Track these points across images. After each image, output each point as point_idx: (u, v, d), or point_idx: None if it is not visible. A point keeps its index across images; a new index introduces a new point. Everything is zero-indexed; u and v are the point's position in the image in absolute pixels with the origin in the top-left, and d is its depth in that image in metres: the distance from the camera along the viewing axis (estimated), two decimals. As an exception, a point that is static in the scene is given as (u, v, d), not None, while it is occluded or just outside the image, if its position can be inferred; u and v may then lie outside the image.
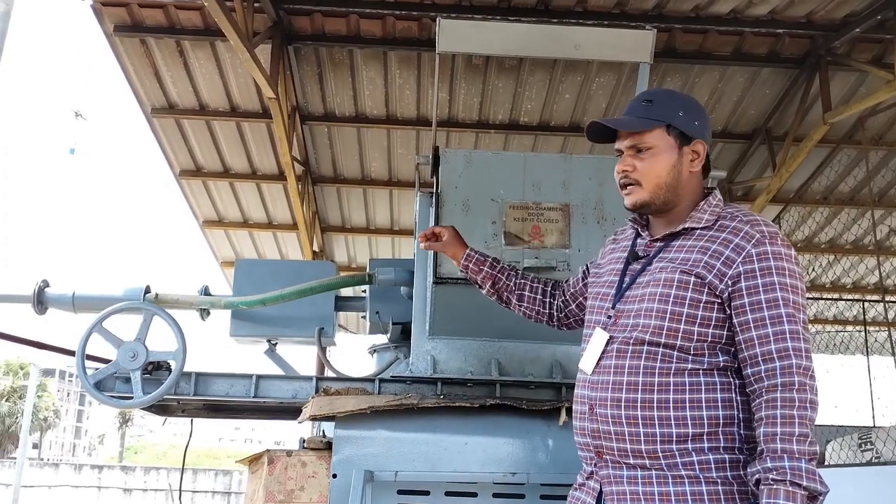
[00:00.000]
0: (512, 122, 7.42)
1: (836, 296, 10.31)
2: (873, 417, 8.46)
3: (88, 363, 3.16)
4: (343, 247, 10.08)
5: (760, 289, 1.76)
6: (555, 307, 2.36)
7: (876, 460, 5.80)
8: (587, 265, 2.29)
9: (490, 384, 3.11)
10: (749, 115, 7.34)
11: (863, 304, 9.81)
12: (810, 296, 10.12)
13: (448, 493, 2.90)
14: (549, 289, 2.38)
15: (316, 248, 9.36)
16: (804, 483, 1.62)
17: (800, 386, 1.69)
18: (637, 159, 1.93)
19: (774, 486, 1.63)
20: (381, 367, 3.77)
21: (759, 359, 1.74)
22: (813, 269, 9.57)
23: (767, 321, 1.74)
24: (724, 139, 7.54)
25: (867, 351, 9.10)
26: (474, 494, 2.90)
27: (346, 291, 4.02)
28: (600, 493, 1.87)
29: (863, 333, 9.47)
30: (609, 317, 1.94)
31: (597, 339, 1.94)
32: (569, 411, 2.93)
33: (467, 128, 7.45)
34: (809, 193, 8.43)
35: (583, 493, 1.93)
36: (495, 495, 2.90)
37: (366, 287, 3.88)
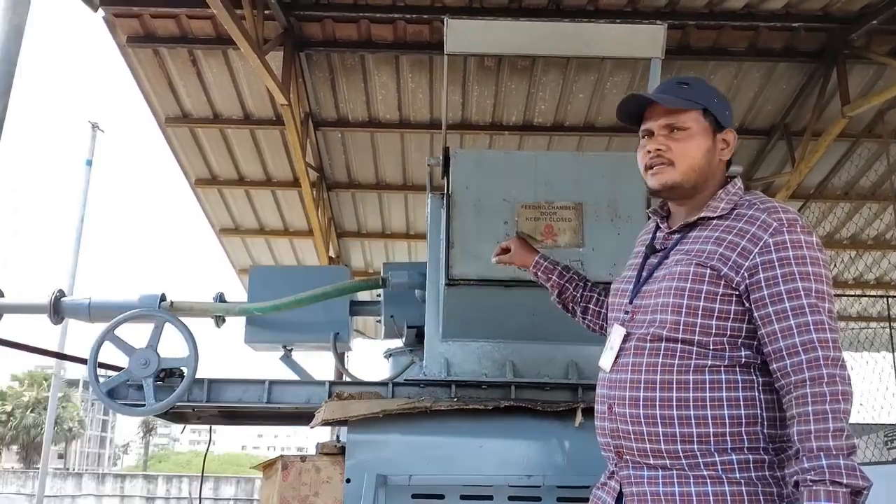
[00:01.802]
0: (526, 123, 7.39)
1: (859, 292, 10.15)
2: (900, 415, 8.33)
3: (102, 371, 3.16)
4: (359, 252, 10.08)
5: (780, 280, 1.69)
6: None
7: (903, 458, 5.71)
8: None
9: (505, 386, 3.08)
10: (766, 111, 7.25)
11: (887, 300, 9.65)
12: (833, 292, 9.96)
13: (463, 497, 2.86)
14: None
15: (332, 253, 9.36)
16: (844, 480, 1.55)
17: (829, 378, 1.62)
18: (671, 139, 1.86)
19: (814, 487, 1.56)
20: (397, 371, 3.75)
21: (784, 353, 1.67)
22: (835, 266, 9.45)
23: (790, 313, 1.67)
24: (742, 135, 7.38)
25: (892, 347, 8.95)
26: (490, 498, 2.86)
27: (362, 296, 4.00)
28: (620, 493, 1.83)
29: (887, 329, 9.32)
30: (626, 312, 1.89)
31: (615, 336, 1.89)
32: (584, 412, 2.89)
33: (481, 130, 7.43)
34: (830, 189, 8.32)
35: (603, 493, 1.89)
36: (511, 498, 2.87)
37: (381, 291, 3.86)
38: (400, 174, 8.34)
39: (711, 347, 1.75)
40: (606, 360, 1.89)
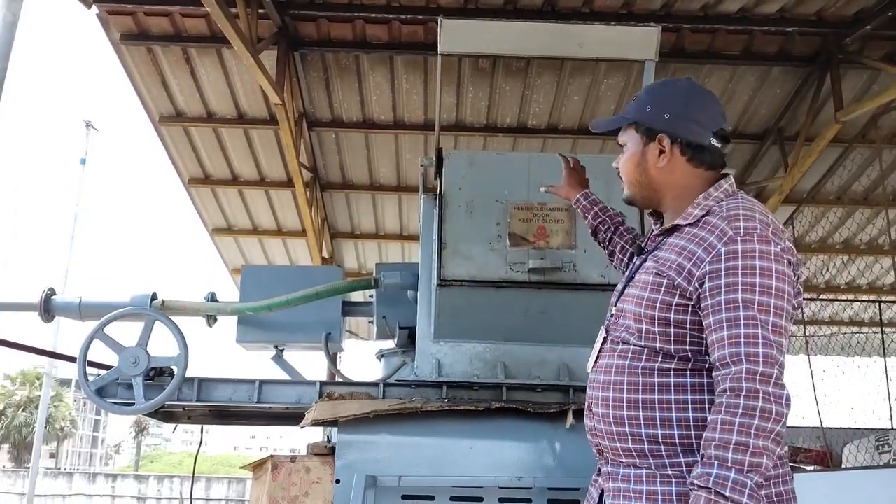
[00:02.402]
0: (520, 125, 7.39)
1: (851, 297, 10.19)
2: (891, 419, 8.35)
3: (92, 370, 3.14)
4: (353, 253, 10.07)
5: (722, 289, 1.65)
6: None
7: (894, 462, 5.72)
8: None
9: (496, 387, 3.06)
10: (760, 115, 7.27)
11: (879, 305, 9.69)
12: (825, 297, 10.01)
13: (453, 498, 2.85)
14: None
15: (325, 254, 9.35)
16: (727, 493, 1.53)
17: (748, 392, 1.58)
18: (621, 156, 1.99)
19: (698, 493, 1.57)
20: (389, 372, 3.74)
21: (718, 363, 1.65)
22: (827, 270, 9.47)
23: (724, 324, 1.64)
24: (735, 140, 7.47)
25: (884, 352, 8.98)
26: (480, 499, 2.85)
27: (355, 296, 3.98)
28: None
29: (879, 334, 9.36)
30: (612, 314, 1.94)
31: (598, 337, 1.96)
32: (575, 414, 2.89)
33: (475, 132, 7.43)
34: (822, 193, 8.34)
35: (593, 489, 1.95)
36: (501, 500, 2.85)
37: (373, 291, 3.84)
38: (394, 175, 8.33)
39: (675, 354, 1.76)
40: (590, 361, 1.96)
